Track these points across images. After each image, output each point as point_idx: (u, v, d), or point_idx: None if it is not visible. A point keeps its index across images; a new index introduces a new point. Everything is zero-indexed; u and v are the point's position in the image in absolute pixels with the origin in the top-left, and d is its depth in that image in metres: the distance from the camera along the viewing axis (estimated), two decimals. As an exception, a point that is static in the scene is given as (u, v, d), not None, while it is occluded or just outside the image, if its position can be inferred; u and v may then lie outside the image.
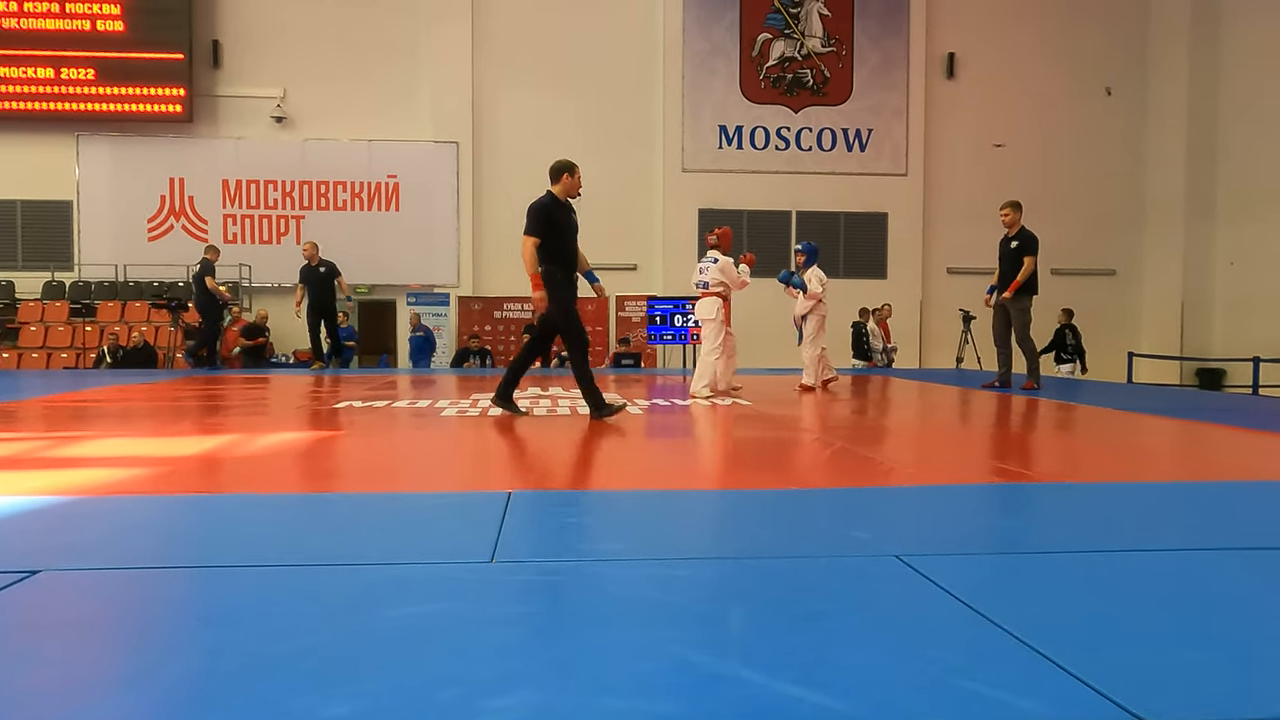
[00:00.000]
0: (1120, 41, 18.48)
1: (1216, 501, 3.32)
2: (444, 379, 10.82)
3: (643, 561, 2.37)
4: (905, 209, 17.94)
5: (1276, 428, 5.60)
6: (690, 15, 17.50)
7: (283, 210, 17.15)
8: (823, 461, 4.39)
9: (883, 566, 2.31)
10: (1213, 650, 1.73)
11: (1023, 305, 8.46)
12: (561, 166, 6.13)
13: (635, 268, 17.72)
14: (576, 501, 3.26)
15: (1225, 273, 17.60)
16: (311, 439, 5.08)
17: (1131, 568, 2.35)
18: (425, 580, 2.19)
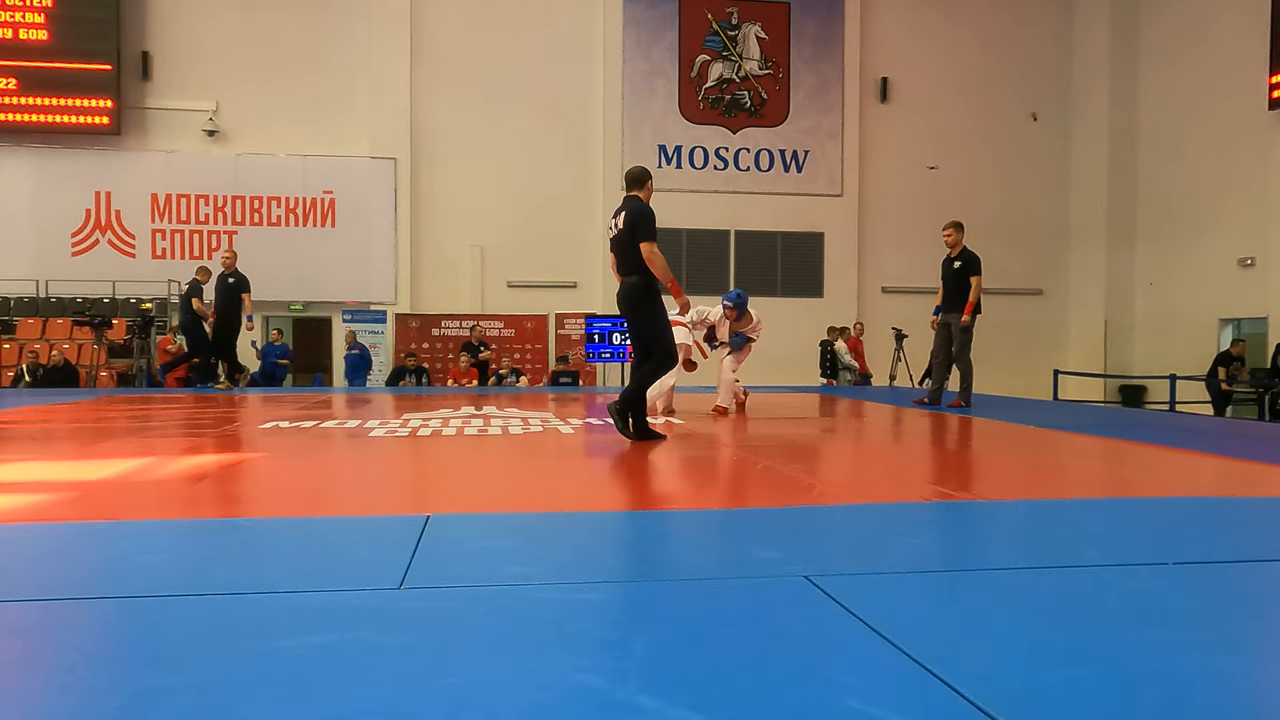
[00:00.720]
0: (1045, 70, 19.13)
1: (1129, 518, 3.43)
2: (379, 398, 10.67)
3: (552, 586, 2.36)
4: (841, 229, 18.27)
5: (1189, 445, 5.81)
6: (630, 35, 17.65)
7: (214, 226, 16.79)
8: (745, 481, 4.42)
9: (790, 588, 2.33)
10: (1105, 667, 1.78)
11: (964, 325, 8.63)
12: (646, 174, 5.91)
13: (575, 285, 17.73)
14: (495, 525, 3.23)
15: (1145, 293, 18.24)
16: (231, 461, 4.96)
17: (1040, 585, 2.41)
18: (328, 608, 2.16)
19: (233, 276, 11.53)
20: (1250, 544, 3.01)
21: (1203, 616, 2.18)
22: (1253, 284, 15.62)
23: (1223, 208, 16.23)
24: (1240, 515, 3.51)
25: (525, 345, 17.13)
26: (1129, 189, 18.39)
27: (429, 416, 7.57)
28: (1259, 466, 4.98)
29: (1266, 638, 2.05)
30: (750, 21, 18.12)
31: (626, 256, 5.69)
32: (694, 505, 3.86)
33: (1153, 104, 18.02)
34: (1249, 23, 15.36)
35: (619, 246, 5.76)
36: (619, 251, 5.78)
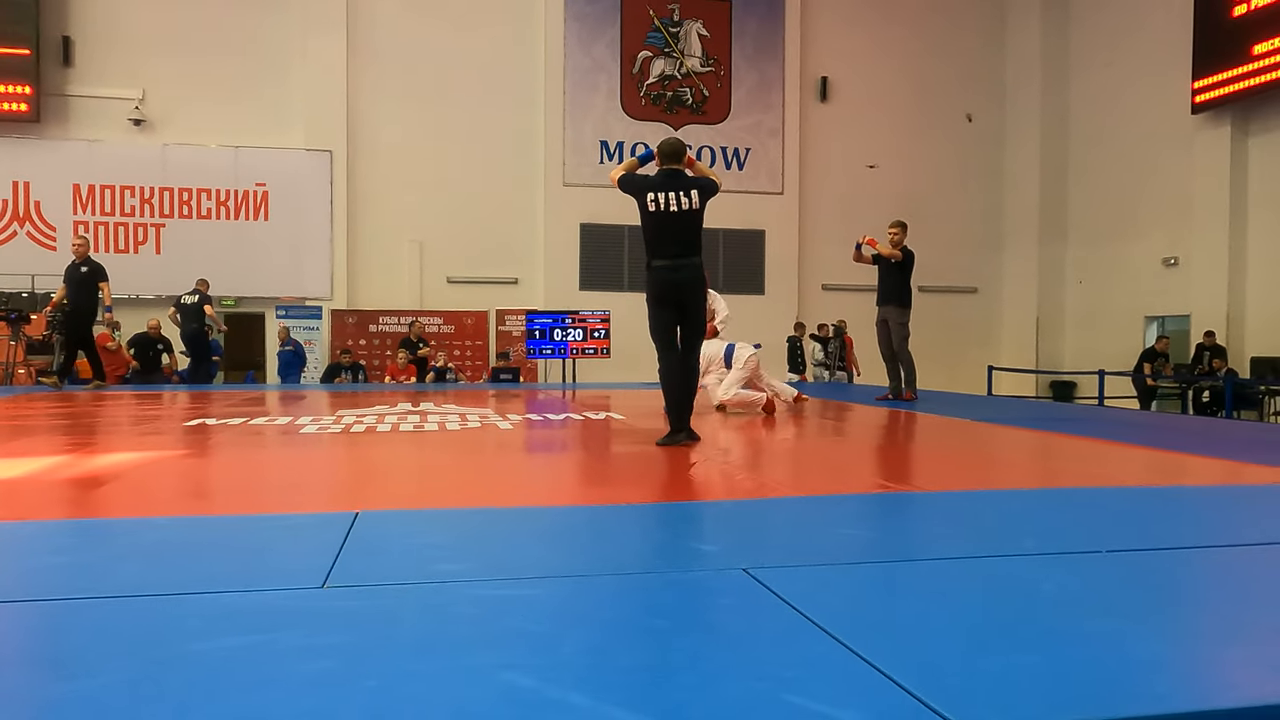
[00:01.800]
0: (979, 72, 19.51)
1: (1063, 507, 3.46)
2: (313, 395, 10.41)
3: (484, 583, 2.28)
4: (782, 226, 18.39)
5: (1119, 437, 5.94)
6: (571, 31, 17.52)
7: (141, 218, 16.24)
8: (684, 475, 4.38)
9: (728, 580, 2.29)
10: (1042, 655, 1.77)
11: (901, 319, 8.74)
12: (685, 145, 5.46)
13: (516, 281, 17.57)
14: (426, 521, 3.13)
15: (1075, 291, 18.72)
16: (149, 459, 4.76)
17: (978, 574, 2.40)
18: (246, 609, 2.05)
19: (85, 265, 10.60)
20: (1178, 532, 3.06)
21: (1136, 604, 2.19)
22: (1176, 282, 16.13)
23: (1149, 208, 16.73)
24: (1167, 504, 3.57)
25: (465, 342, 16.91)
26: (1060, 189, 18.86)
27: (364, 413, 7.39)
28: (1183, 457, 5.11)
29: (1199, 623, 2.06)
30: (692, 19, 18.14)
31: (694, 235, 5.22)
32: (631, 499, 3.80)
33: (1082, 107, 18.49)
34: (1173, 29, 15.84)
35: (683, 223, 5.17)
36: (683, 229, 5.18)
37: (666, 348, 5.29)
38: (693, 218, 5.17)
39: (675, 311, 5.26)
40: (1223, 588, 2.38)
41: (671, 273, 5.18)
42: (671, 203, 5.14)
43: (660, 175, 5.27)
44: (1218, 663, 1.81)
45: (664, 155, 5.34)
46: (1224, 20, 14.64)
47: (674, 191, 5.15)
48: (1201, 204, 15.40)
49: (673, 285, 5.20)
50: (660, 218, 5.17)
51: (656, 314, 5.29)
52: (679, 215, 5.14)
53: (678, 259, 5.17)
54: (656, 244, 5.23)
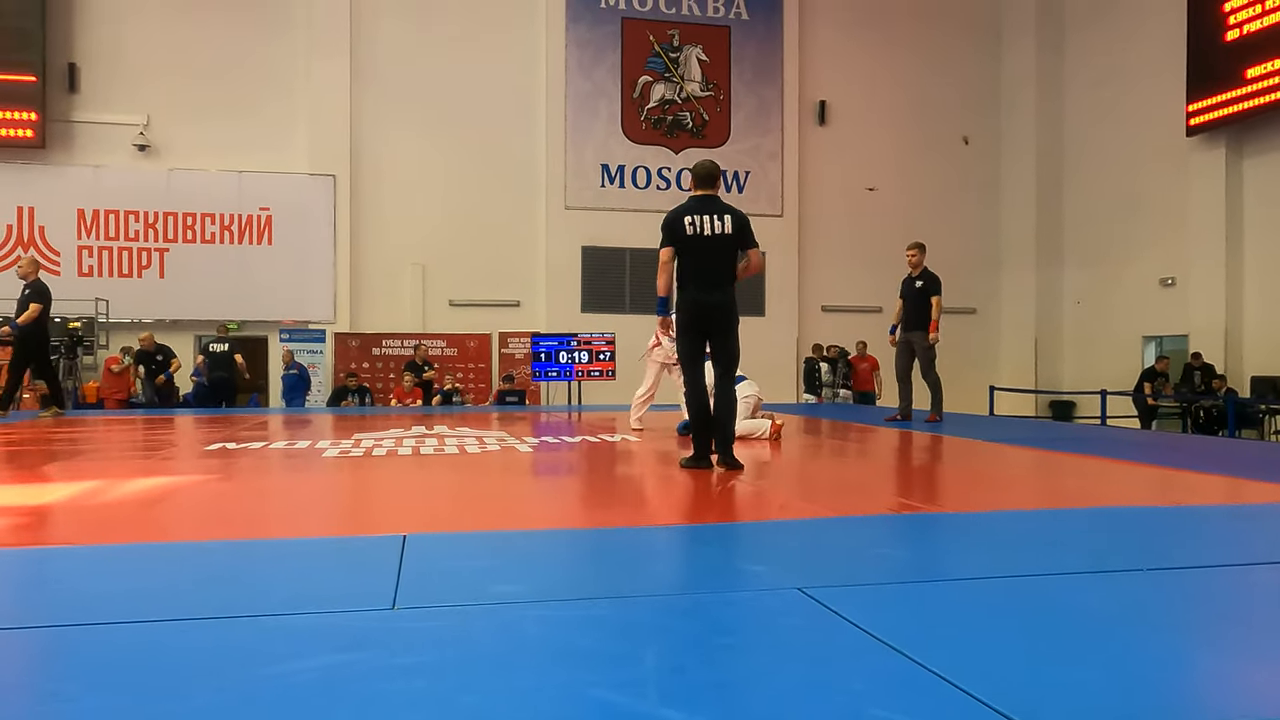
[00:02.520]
0: (976, 95, 19.74)
1: (1090, 527, 3.53)
2: (320, 418, 10.45)
3: (547, 603, 2.34)
4: (782, 249, 18.52)
5: (1135, 457, 6.03)
6: (572, 56, 17.71)
7: (144, 242, 16.29)
8: (716, 497, 4.45)
9: (786, 599, 2.35)
10: (1103, 669, 1.84)
11: (928, 342, 8.83)
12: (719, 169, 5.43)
13: (519, 304, 17.64)
14: (473, 543, 3.19)
15: (1073, 311, 18.87)
16: (182, 483, 4.81)
17: (1020, 591, 2.47)
18: (324, 630, 2.11)
19: (29, 287, 10.10)
20: (1209, 550, 3.13)
21: (1181, 619, 2.26)
22: (1174, 303, 16.28)
23: (1145, 229, 16.90)
24: (1196, 522, 3.65)
25: (468, 364, 16.96)
26: (1056, 211, 19.05)
27: (380, 436, 7.44)
28: (1194, 475, 5.19)
29: (1243, 638, 2.14)
30: (691, 44, 18.35)
31: (730, 262, 5.14)
32: (668, 521, 3.86)
33: (1077, 129, 18.71)
34: (1167, 53, 16.08)
35: (721, 251, 5.09)
36: (719, 256, 5.10)
37: (695, 372, 5.24)
38: (730, 243, 5.10)
39: (705, 339, 5.24)
40: (1259, 604, 2.46)
41: (709, 296, 5.11)
42: (707, 226, 5.07)
43: (694, 201, 5.20)
44: (1272, 677, 1.88)
45: (698, 179, 5.26)
46: (1217, 44, 14.88)
47: (710, 215, 5.10)
48: (1197, 225, 15.59)
49: (709, 309, 5.13)
50: (697, 241, 5.07)
51: (689, 340, 5.24)
52: (717, 239, 5.07)
53: (713, 288, 5.11)
54: (694, 270, 5.12)
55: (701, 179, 5.25)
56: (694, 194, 5.25)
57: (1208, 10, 15.06)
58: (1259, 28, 14.16)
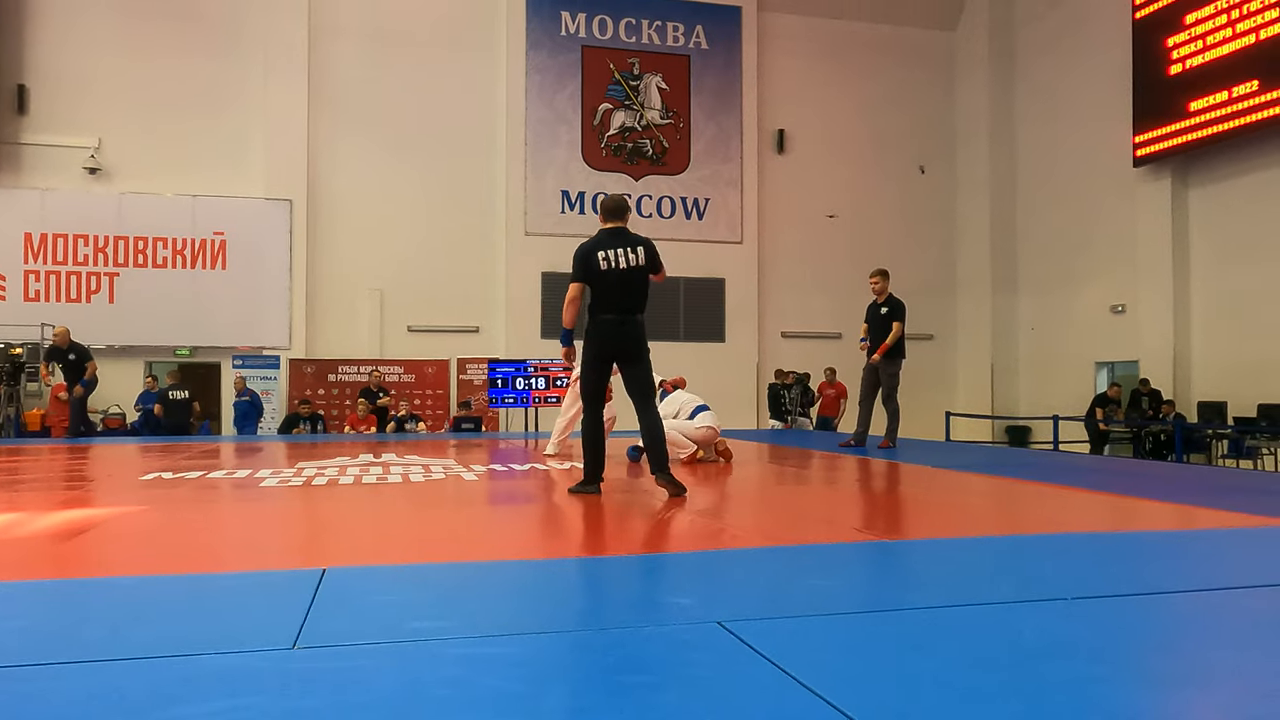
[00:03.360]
0: (931, 126, 20.09)
1: (1031, 555, 3.52)
2: (271, 447, 10.24)
3: (459, 640, 2.26)
4: (741, 275, 18.62)
5: (1078, 482, 6.06)
6: (532, 83, 17.76)
7: (94, 267, 15.99)
8: (654, 527, 4.38)
9: (704, 634, 2.29)
10: (1024, 703, 1.80)
11: (893, 369, 8.85)
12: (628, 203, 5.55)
13: (478, 330, 17.54)
14: (396, 577, 3.10)
15: (1027, 337, 19.14)
16: (107, 516, 4.65)
17: (952, 623, 2.43)
18: (220, 672, 2.01)
19: None
20: (1144, 577, 3.13)
21: (1108, 650, 2.23)
22: (1124, 329, 16.57)
23: (1096, 257, 17.22)
24: (1131, 549, 3.65)
25: (426, 391, 16.78)
26: (1010, 239, 19.36)
27: (325, 465, 7.29)
28: (1140, 501, 5.22)
29: (1170, 668, 2.11)
30: (651, 72, 18.48)
31: (642, 292, 5.27)
32: (602, 552, 3.79)
33: (1029, 159, 19.09)
34: (1114, 85, 16.47)
35: (631, 282, 5.20)
36: (630, 287, 5.21)
37: (596, 405, 5.32)
38: (642, 275, 5.24)
39: (610, 367, 5.35)
40: (1186, 632, 2.44)
41: (621, 327, 5.23)
42: (621, 259, 5.18)
43: (604, 234, 5.29)
44: (1189, 707, 1.85)
45: (607, 212, 5.38)
46: (1162, 78, 15.27)
47: (622, 248, 5.21)
48: (1146, 253, 15.91)
49: (621, 339, 5.23)
50: (613, 275, 5.19)
51: (597, 372, 5.30)
52: (630, 272, 5.19)
53: (628, 314, 5.23)
54: (608, 302, 5.22)
55: (610, 212, 5.36)
56: (603, 227, 5.34)
57: (1152, 46, 15.47)
58: (1201, 62, 14.56)
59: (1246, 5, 13.83)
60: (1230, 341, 14.51)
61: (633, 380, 5.28)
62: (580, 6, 18.13)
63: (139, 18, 16.33)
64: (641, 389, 5.28)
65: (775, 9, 19.16)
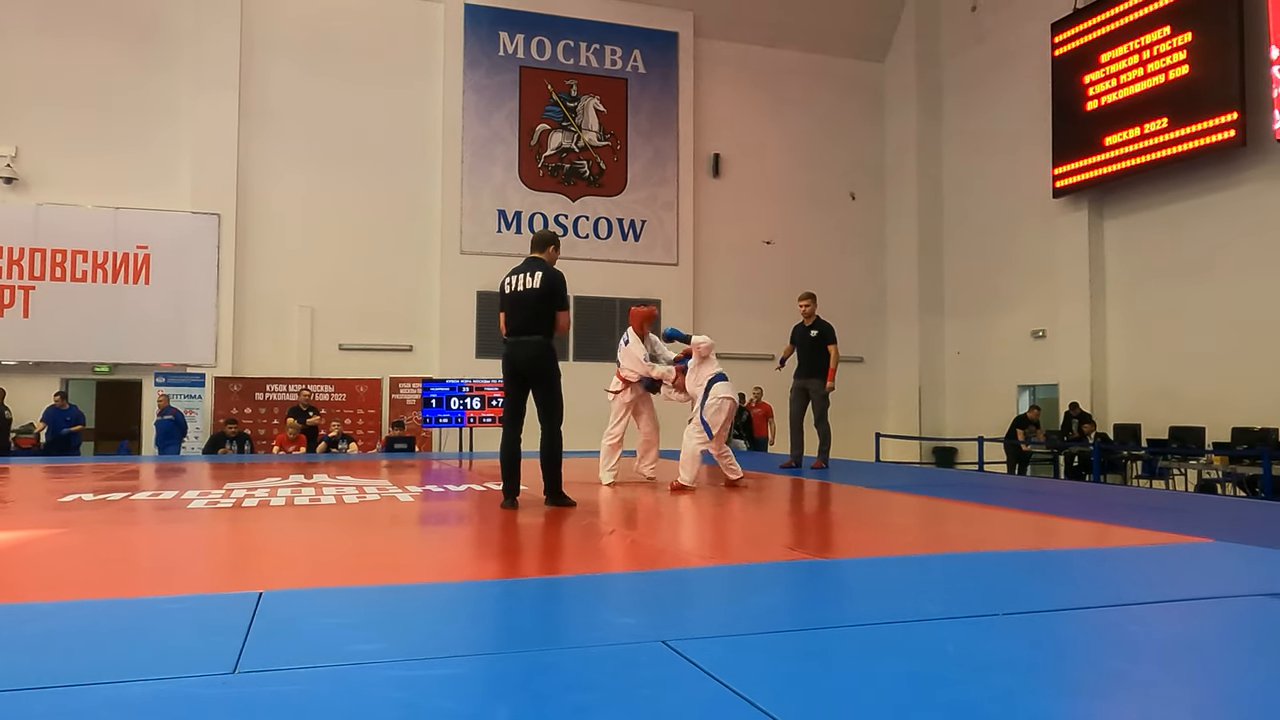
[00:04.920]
0: (862, 154, 20.61)
1: (960, 572, 3.63)
2: (196, 467, 9.96)
3: (400, 663, 2.25)
4: (677, 297, 18.78)
5: (1001, 502, 6.26)
6: (469, 101, 17.72)
7: (8, 280, 15.37)
8: (597, 546, 4.40)
9: (648, 653, 2.32)
10: (957, 716, 1.87)
11: (823, 391, 9.01)
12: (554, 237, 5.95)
13: (411, 349, 17.32)
14: (334, 599, 3.06)
15: (954, 361, 19.67)
16: (22, 539, 4.48)
17: (889, 640, 2.50)
18: (157, 699, 1.97)
19: None
20: (1065, 593, 3.26)
21: (1036, 663, 2.33)
22: (1045, 354, 17.15)
23: (1017, 284, 17.83)
24: (1054, 566, 3.80)
25: (358, 410, 16.50)
26: (937, 264, 19.92)
27: (254, 486, 7.12)
28: (1060, 520, 5.42)
29: (1095, 680, 2.21)
30: (589, 94, 18.60)
31: (534, 315, 5.56)
32: (543, 573, 3.80)
33: (955, 188, 19.70)
34: (1034, 119, 17.13)
35: (525, 305, 5.56)
36: (524, 310, 5.57)
37: (509, 423, 5.68)
38: (535, 297, 5.54)
39: (522, 387, 5.65)
40: (1105, 645, 2.56)
41: (514, 348, 5.61)
42: (519, 283, 5.62)
43: (523, 262, 5.76)
44: (1103, 716, 1.95)
45: (532, 244, 5.91)
46: (1079, 113, 15.94)
47: (524, 274, 5.63)
48: (1064, 280, 16.52)
49: (514, 360, 5.60)
50: (510, 298, 5.66)
51: (508, 390, 5.72)
52: (523, 294, 5.57)
53: (520, 335, 5.58)
54: (506, 321, 5.68)
55: (533, 243, 5.92)
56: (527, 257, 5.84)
57: (1070, 82, 16.14)
58: (1115, 99, 15.25)
59: (1157, 47, 14.55)
60: (1144, 366, 15.14)
61: (536, 398, 5.66)
62: (519, 27, 18.19)
63: (62, 22, 15.84)
64: (542, 408, 5.65)
65: (711, 36, 19.48)
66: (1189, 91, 13.98)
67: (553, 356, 5.66)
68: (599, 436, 7.58)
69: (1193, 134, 13.85)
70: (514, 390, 5.66)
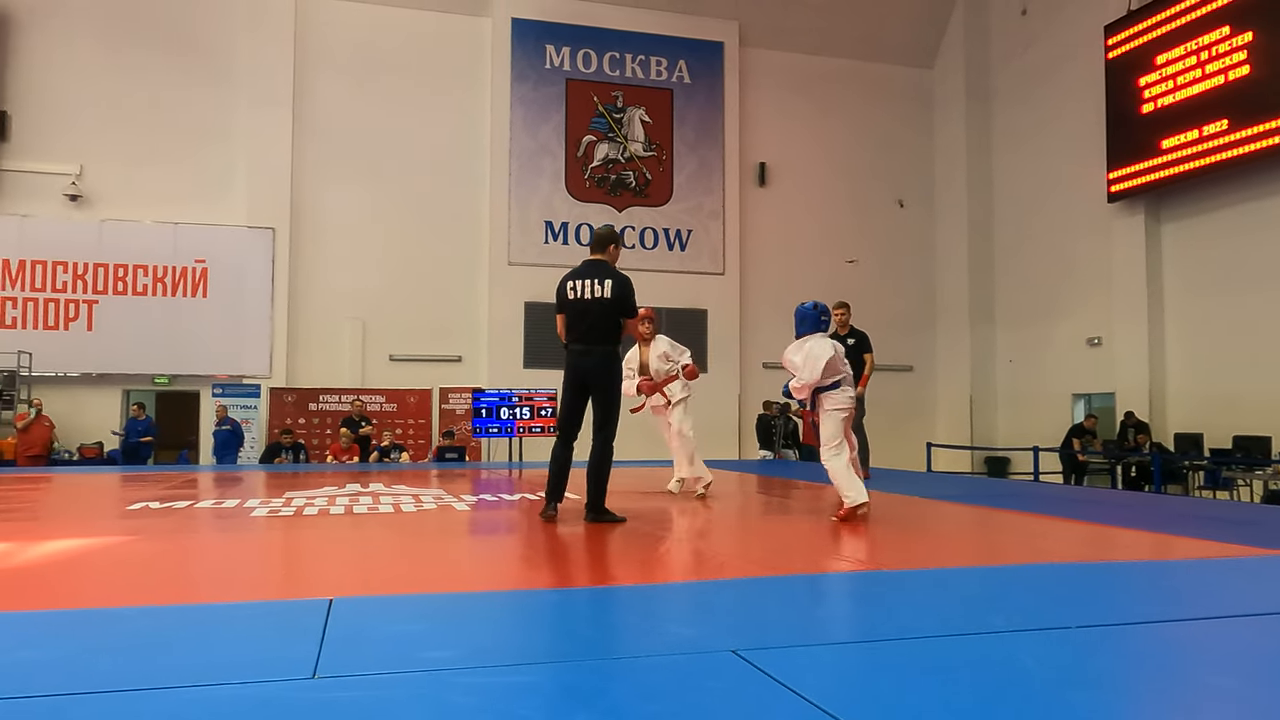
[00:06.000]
0: (910, 161, 20.41)
1: (1026, 584, 3.57)
2: (254, 476, 10.16)
3: (474, 670, 2.28)
4: (723, 306, 18.75)
5: (1064, 513, 6.14)
6: (517, 115, 17.90)
7: (73, 294, 15.85)
8: (654, 556, 4.40)
9: (719, 662, 2.32)
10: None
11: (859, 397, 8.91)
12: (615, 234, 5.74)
13: (460, 359, 17.50)
14: (403, 606, 3.10)
15: (1005, 370, 19.35)
16: (98, 546, 4.61)
17: (961, 653, 2.47)
18: (240, 701, 2.01)
19: None
20: (1137, 606, 3.18)
21: (1110, 677, 2.28)
22: (1101, 362, 16.79)
23: (1071, 291, 17.50)
24: (1120, 578, 3.72)
25: (408, 420, 16.71)
26: (988, 272, 19.64)
27: (313, 495, 7.25)
28: (1122, 531, 5.30)
29: (1173, 696, 2.16)
30: (635, 105, 18.69)
31: (603, 324, 5.42)
32: (604, 581, 3.81)
33: (1006, 194, 19.41)
34: (1088, 123, 16.83)
35: (593, 313, 5.39)
36: (591, 319, 5.40)
37: (563, 435, 5.56)
38: (606, 307, 5.41)
39: (582, 396, 5.50)
40: (1181, 660, 2.50)
41: (581, 358, 5.44)
42: (585, 290, 5.42)
43: (583, 264, 5.56)
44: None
45: (592, 244, 5.70)
46: (1135, 116, 15.63)
47: (591, 279, 5.44)
48: (1121, 287, 16.18)
49: (578, 369, 5.44)
50: (575, 305, 5.47)
51: (566, 398, 5.54)
52: (591, 303, 5.41)
53: (589, 344, 5.43)
54: (570, 328, 5.51)
55: (594, 243, 5.70)
56: (587, 259, 5.64)
57: (1125, 85, 15.84)
58: (1172, 102, 14.92)
59: (1215, 48, 14.22)
60: (1205, 373, 14.75)
61: (595, 408, 5.52)
62: (565, 40, 18.34)
63: (122, 45, 16.33)
64: (597, 419, 5.51)
65: (757, 45, 19.47)
66: (1250, 92, 13.64)
67: (619, 367, 5.61)
68: (647, 446, 7.61)
69: (1254, 135, 13.50)
70: (573, 399, 5.51)
